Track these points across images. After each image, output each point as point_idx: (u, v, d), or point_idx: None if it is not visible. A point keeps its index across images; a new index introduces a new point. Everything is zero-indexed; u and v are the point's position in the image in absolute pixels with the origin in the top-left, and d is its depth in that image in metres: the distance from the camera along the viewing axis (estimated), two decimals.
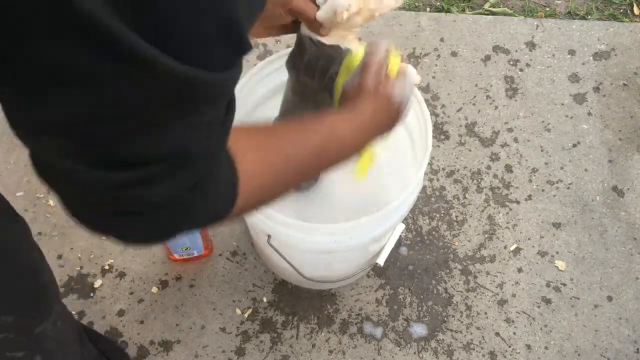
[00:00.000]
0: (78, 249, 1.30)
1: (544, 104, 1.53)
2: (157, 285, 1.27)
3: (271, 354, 1.21)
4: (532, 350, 1.24)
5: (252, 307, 1.26)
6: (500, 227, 1.37)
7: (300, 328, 1.24)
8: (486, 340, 1.25)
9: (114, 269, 1.29)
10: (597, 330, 1.26)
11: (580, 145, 1.48)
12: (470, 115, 1.51)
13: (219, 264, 1.30)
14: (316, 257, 1.10)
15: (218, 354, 1.21)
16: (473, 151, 1.46)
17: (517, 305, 1.28)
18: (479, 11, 1.70)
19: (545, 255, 1.34)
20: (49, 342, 0.77)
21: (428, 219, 1.37)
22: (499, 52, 1.60)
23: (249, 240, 1.33)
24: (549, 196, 1.41)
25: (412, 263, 1.32)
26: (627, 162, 1.46)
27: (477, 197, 1.40)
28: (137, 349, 1.21)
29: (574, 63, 1.59)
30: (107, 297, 1.26)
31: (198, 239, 1.21)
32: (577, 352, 1.24)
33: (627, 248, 1.35)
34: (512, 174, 1.44)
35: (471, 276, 1.31)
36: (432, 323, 1.26)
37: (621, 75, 1.58)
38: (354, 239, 0.93)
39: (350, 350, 1.23)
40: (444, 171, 1.43)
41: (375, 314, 1.26)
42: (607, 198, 1.41)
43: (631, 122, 1.51)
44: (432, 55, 1.59)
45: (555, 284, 1.31)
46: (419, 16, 1.66)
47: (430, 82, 1.55)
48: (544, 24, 1.65)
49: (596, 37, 1.63)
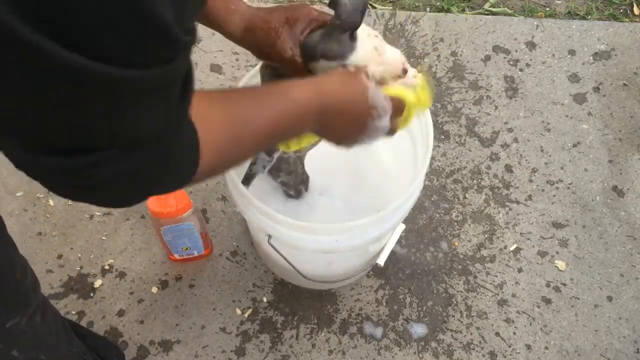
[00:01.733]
0: (78, 249, 1.30)
1: (544, 104, 1.53)
2: (157, 285, 1.27)
3: (271, 354, 1.21)
4: (532, 350, 1.24)
5: (252, 307, 1.26)
6: (500, 227, 1.37)
7: (300, 328, 1.24)
8: (486, 340, 1.25)
9: (114, 269, 1.29)
10: (597, 330, 1.27)
11: (580, 145, 1.48)
12: (470, 115, 1.51)
13: (219, 264, 1.30)
14: (316, 257, 1.10)
15: (218, 354, 1.21)
16: (473, 151, 1.46)
17: (517, 305, 1.28)
18: (479, 11, 1.70)
19: (545, 255, 1.34)
20: (25, 336, 0.77)
21: (428, 219, 1.37)
22: (499, 52, 1.60)
23: (249, 240, 1.33)
24: (549, 196, 1.41)
25: (412, 263, 1.32)
26: (627, 162, 1.46)
27: (477, 197, 1.40)
28: (137, 349, 1.21)
29: (574, 63, 1.59)
30: (107, 297, 1.26)
31: (198, 239, 1.21)
32: (577, 352, 1.24)
33: (627, 248, 1.35)
34: (512, 174, 1.44)
35: (471, 276, 1.31)
36: (432, 323, 1.26)
37: (621, 75, 1.58)
38: (354, 239, 0.93)
39: (350, 350, 1.23)
40: (444, 171, 1.43)
41: (375, 314, 1.26)
42: (607, 198, 1.41)
43: (631, 122, 1.51)
44: (432, 55, 1.59)
45: (555, 284, 1.31)
46: (419, 16, 1.66)
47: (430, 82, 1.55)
48: (544, 24, 1.65)
49: (596, 37, 1.63)
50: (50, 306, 0.87)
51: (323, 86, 0.66)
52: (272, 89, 0.63)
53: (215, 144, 0.52)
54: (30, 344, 0.80)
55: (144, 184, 0.47)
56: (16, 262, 0.75)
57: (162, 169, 0.46)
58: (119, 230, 1.33)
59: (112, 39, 0.34)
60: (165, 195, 1.08)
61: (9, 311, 0.75)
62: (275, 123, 0.61)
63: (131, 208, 1.34)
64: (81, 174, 0.41)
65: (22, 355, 0.79)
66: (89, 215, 1.34)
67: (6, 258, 0.73)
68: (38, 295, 0.81)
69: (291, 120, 0.63)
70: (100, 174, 0.42)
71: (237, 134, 0.56)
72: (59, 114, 0.37)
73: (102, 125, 0.39)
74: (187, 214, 1.12)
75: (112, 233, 1.32)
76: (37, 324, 0.79)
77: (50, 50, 0.32)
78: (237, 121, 0.56)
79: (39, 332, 0.81)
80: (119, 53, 0.35)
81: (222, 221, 1.35)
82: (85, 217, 1.34)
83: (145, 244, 1.32)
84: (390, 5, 1.70)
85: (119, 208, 0.48)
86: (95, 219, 1.33)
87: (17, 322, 0.75)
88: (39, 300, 0.81)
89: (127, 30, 0.34)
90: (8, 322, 0.74)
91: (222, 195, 1.37)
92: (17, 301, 0.76)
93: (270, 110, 0.60)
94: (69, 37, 0.33)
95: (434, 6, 1.70)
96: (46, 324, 0.83)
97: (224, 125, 0.54)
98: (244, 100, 0.59)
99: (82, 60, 0.33)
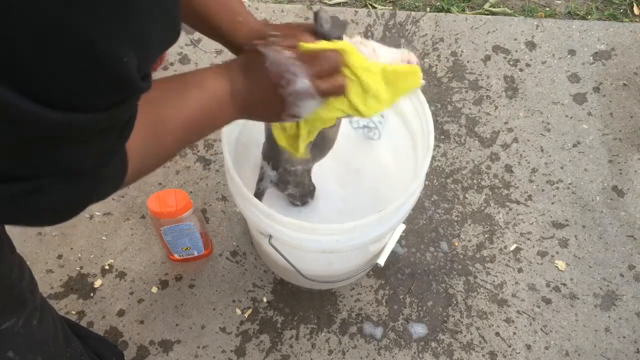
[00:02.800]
0: (78, 249, 1.30)
1: (544, 104, 1.53)
2: (157, 285, 1.27)
3: (271, 354, 1.21)
4: (532, 350, 1.24)
5: (252, 307, 1.26)
6: (500, 227, 1.37)
7: (300, 328, 1.24)
8: (486, 340, 1.25)
9: (114, 269, 1.29)
10: (597, 330, 1.27)
11: (580, 145, 1.48)
12: (470, 115, 1.51)
13: (219, 264, 1.30)
14: (317, 257, 1.10)
15: (218, 354, 1.21)
16: (473, 151, 1.46)
17: (517, 305, 1.29)
18: (479, 11, 1.70)
19: (545, 255, 1.34)
20: (21, 338, 0.77)
21: (428, 219, 1.37)
22: (499, 52, 1.60)
23: (249, 240, 1.33)
24: (549, 196, 1.41)
25: (412, 263, 1.32)
26: (627, 162, 1.46)
27: (477, 197, 1.40)
28: (137, 349, 1.21)
29: (574, 63, 1.59)
30: (107, 297, 1.26)
31: (198, 239, 1.21)
32: (577, 352, 1.24)
33: (627, 248, 1.35)
34: (512, 174, 1.44)
35: (471, 276, 1.31)
36: (432, 323, 1.26)
37: (621, 75, 1.58)
38: (354, 239, 0.93)
39: (350, 350, 1.23)
40: (444, 171, 1.43)
41: (375, 314, 1.26)
42: (607, 198, 1.41)
43: (631, 122, 1.51)
44: (432, 55, 1.59)
45: (555, 284, 1.31)
46: (419, 16, 1.66)
47: (430, 82, 1.55)
48: (544, 24, 1.65)
49: (596, 37, 1.63)
50: (48, 308, 0.87)
51: (231, 72, 0.65)
52: (189, 81, 0.62)
53: (139, 151, 0.52)
54: (27, 345, 0.79)
55: (77, 206, 0.49)
56: (13, 264, 0.75)
57: (94, 190, 0.48)
58: (119, 230, 1.32)
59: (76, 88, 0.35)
60: (165, 195, 1.09)
61: (4, 313, 0.74)
62: (195, 117, 0.61)
63: (131, 208, 1.34)
64: (19, 200, 0.42)
65: (18, 356, 0.79)
66: (89, 215, 1.34)
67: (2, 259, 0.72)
68: (35, 297, 0.80)
69: (211, 113, 0.63)
70: (39, 200, 0.43)
71: (158, 135, 0.57)
72: (3, 152, 0.38)
73: (46, 161, 0.40)
74: (187, 214, 1.12)
75: (112, 233, 1.32)
76: (34, 326, 0.79)
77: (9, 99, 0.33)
78: (157, 121, 0.56)
79: (36, 334, 0.81)
80: (79, 99, 0.36)
81: (222, 221, 1.35)
82: (85, 217, 1.34)
83: (145, 244, 1.31)
84: (390, 5, 1.70)
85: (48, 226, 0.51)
86: (95, 219, 1.33)
87: (13, 323, 0.75)
88: (36, 302, 0.80)
89: (87, 78, 0.35)
90: (3, 323, 0.74)
91: (222, 195, 1.37)
92: (12, 303, 0.76)
93: (187, 106, 0.60)
94: (23, 85, 0.33)
95: (434, 6, 1.70)
96: (44, 326, 0.82)
97: (145, 129, 0.53)
98: (163, 98, 0.58)
99: (36, 108, 0.34)
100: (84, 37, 0.33)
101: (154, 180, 1.38)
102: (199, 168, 1.40)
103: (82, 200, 0.48)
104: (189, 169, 1.40)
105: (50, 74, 0.34)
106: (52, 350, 0.86)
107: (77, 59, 0.34)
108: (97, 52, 0.34)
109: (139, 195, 1.36)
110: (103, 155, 0.45)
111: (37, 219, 0.49)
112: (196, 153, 1.42)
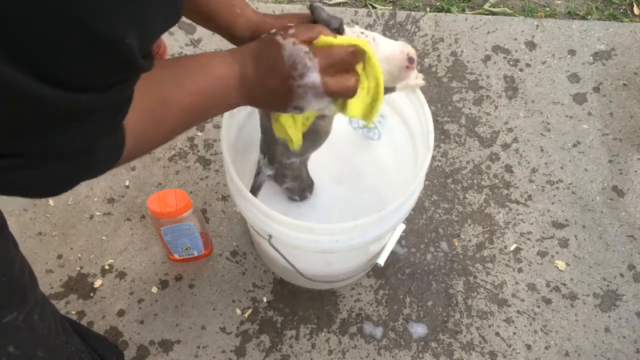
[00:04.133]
0: (78, 249, 1.30)
1: (544, 104, 1.53)
2: (157, 285, 1.27)
3: (271, 354, 1.21)
4: (532, 350, 1.24)
5: (252, 307, 1.26)
6: (500, 227, 1.37)
7: (300, 328, 1.24)
8: (486, 340, 1.25)
9: (114, 269, 1.29)
10: (597, 330, 1.27)
11: (580, 145, 1.48)
12: (470, 115, 1.51)
13: (219, 264, 1.30)
14: (317, 257, 1.10)
15: (218, 354, 1.21)
16: (473, 151, 1.46)
17: (517, 305, 1.28)
18: (479, 11, 1.70)
19: (545, 255, 1.34)
20: (22, 332, 0.77)
21: (428, 219, 1.37)
22: (499, 52, 1.60)
23: (249, 240, 1.33)
24: (549, 196, 1.41)
25: (412, 263, 1.32)
26: (627, 162, 1.46)
27: (477, 197, 1.40)
28: (137, 349, 1.21)
29: (574, 63, 1.59)
30: (107, 297, 1.26)
31: (198, 239, 1.21)
32: (577, 352, 1.24)
33: (627, 248, 1.35)
34: (512, 174, 1.44)
35: (471, 276, 1.31)
36: (432, 323, 1.26)
37: (621, 75, 1.58)
38: (354, 239, 0.93)
39: (350, 350, 1.23)
40: (444, 171, 1.43)
41: (375, 314, 1.26)
42: (607, 198, 1.41)
43: (631, 122, 1.51)
44: (432, 55, 1.59)
45: (555, 284, 1.31)
46: (419, 16, 1.66)
47: (430, 82, 1.55)
48: (544, 24, 1.65)
49: (596, 37, 1.63)
50: (49, 304, 0.87)
51: (240, 57, 0.65)
52: (193, 65, 0.62)
53: (138, 129, 0.53)
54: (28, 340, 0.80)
55: (71, 180, 0.49)
56: (15, 259, 0.75)
57: (89, 167, 0.49)
58: (119, 230, 1.33)
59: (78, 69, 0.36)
60: (165, 195, 1.09)
61: (6, 307, 0.75)
62: (198, 101, 0.61)
63: (131, 208, 1.34)
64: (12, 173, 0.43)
65: (19, 351, 0.79)
66: (89, 215, 1.34)
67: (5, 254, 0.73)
68: (36, 292, 0.81)
69: (214, 97, 0.63)
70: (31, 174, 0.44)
71: (159, 116, 0.57)
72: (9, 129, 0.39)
73: (44, 138, 0.41)
74: (187, 214, 1.12)
75: (112, 233, 1.32)
76: (35, 321, 0.79)
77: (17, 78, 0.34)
78: (158, 104, 0.57)
79: (37, 329, 0.81)
80: (80, 79, 0.37)
81: (222, 221, 1.35)
82: (85, 217, 1.34)
83: (145, 244, 1.32)
84: (390, 5, 1.70)
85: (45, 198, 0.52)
86: (95, 219, 1.33)
87: (14, 317, 0.75)
88: (37, 297, 0.81)
89: (86, 56, 0.36)
90: (5, 317, 0.74)
91: (222, 195, 1.37)
92: (14, 297, 0.76)
93: (191, 89, 0.60)
94: (33, 66, 0.34)
95: (434, 6, 1.70)
96: (44, 321, 0.83)
97: (145, 111, 0.54)
98: (165, 81, 0.58)
99: (43, 88, 0.35)
100: (83, 15, 0.33)
101: (154, 180, 1.38)
102: (199, 168, 1.40)
103: (76, 176, 0.49)
104: (189, 169, 1.40)
105: (51, 53, 0.34)
106: (52, 345, 0.86)
107: (77, 38, 0.34)
108: (96, 30, 0.34)
109: (139, 195, 1.36)
110: (101, 133, 0.46)
111: (31, 192, 0.49)
112: (196, 153, 1.42)
